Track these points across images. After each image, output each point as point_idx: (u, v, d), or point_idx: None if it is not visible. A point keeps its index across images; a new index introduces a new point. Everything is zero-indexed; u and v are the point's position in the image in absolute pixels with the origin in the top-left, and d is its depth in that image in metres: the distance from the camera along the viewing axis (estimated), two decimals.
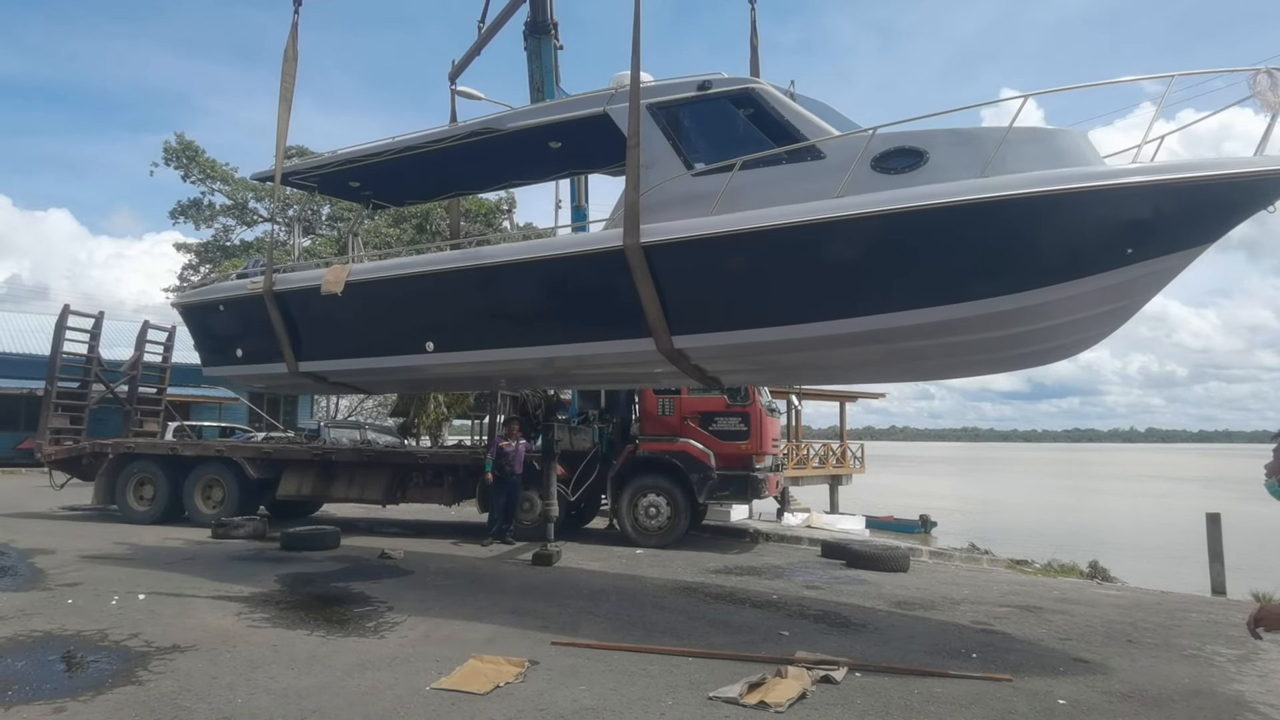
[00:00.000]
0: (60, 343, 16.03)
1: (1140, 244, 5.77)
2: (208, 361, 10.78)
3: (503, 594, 8.61)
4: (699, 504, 12.70)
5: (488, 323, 8.17)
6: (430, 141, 8.67)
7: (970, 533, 20.77)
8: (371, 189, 10.64)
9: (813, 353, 7.01)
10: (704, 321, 6.99)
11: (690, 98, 7.20)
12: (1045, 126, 6.46)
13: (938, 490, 38.14)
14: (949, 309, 6.07)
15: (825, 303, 6.44)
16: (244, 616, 7.23)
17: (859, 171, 6.27)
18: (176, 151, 36.19)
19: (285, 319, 9.33)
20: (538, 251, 8.06)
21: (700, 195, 6.87)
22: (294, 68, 9.66)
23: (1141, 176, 5.71)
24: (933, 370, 7.63)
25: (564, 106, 8.16)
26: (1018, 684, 5.70)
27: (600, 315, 7.59)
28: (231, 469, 13.91)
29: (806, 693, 5.30)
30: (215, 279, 33.92)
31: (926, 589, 9.53)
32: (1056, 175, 5.77)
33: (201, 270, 37.81)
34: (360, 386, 11.01)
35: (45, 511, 15.02)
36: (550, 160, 9.11)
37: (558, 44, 11.06)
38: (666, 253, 6.90)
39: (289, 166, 10.04)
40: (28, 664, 5.69)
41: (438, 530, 13.97)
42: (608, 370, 8.83)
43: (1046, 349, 6.75)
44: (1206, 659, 6.60)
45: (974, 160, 5.97)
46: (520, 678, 5.55)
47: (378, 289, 8.71)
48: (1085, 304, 6.09)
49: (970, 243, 5.95)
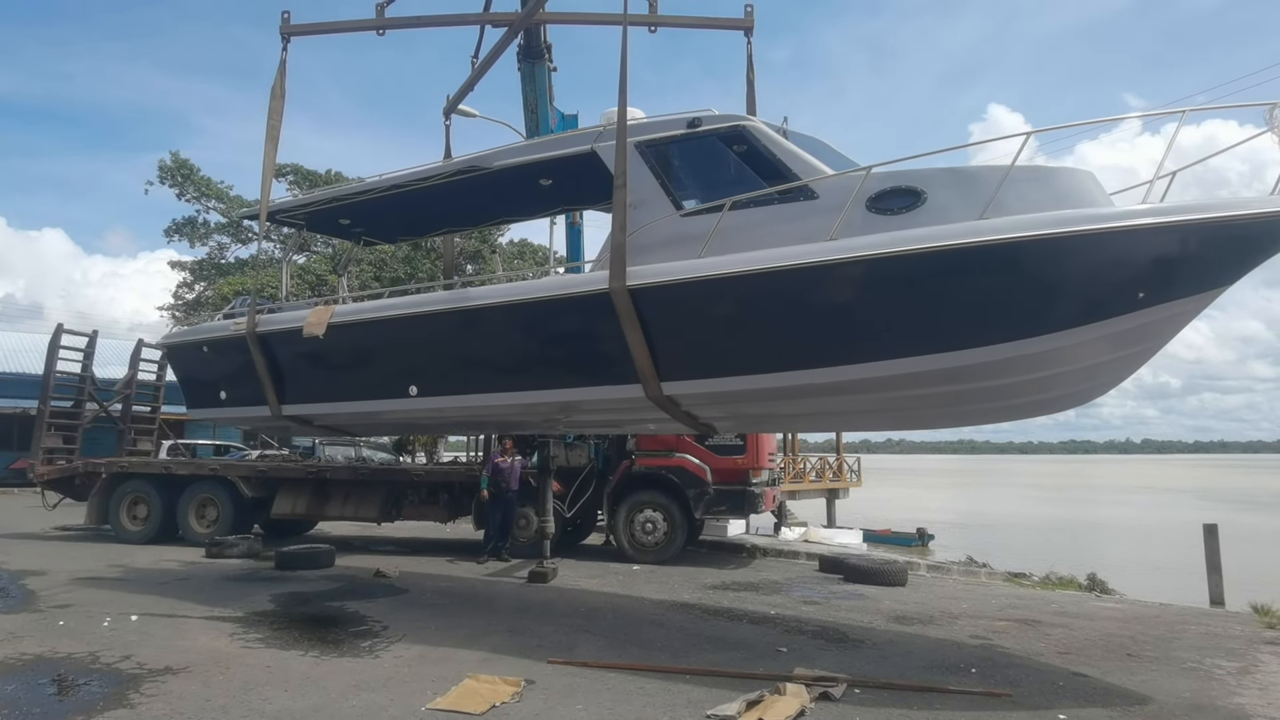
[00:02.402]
0: (54, 362, 16.01)
1: (1153, 288, 5.51)
2: (192, 403, 10.60)
3: (499, 613, 8.56)
4: (696, 519, 12.66)
5: (471, 367, 7.98)
6: (417, 180, 8.57)
7: (968, 546, 20.69)
8: (362, 226, 10.56)
9: (807, 400, 6.77)
10: (694, 367, 6.72)
11: (679, 135, 7.02)
12: (1049, 165, 6.23)
13: (935, 503, 38.11)
14: (948, 356, 5.82)
15: (819, 349, 6.20)
16: (238, 637, 7.17)
17: (854, 212, 6.08)
18: (171, 170, 36.21)
19: (268, 361, 9.13)
20: (521, 294, 7.76)
21: (690, 236, 6.67)
22: (281, 105, 9.42)
23: (1155, 219, 5.45)
24: (934, 419, 7.30)
25: (551, 145, 8.02)
26: (1018, 699, 5.68)
27: (587, 360, 7.34)
28: (226, 488, 13.85)
29: (805, 710, 5.27)
30: (209, 297, 34.06)
31: (925, 603, 9.49)
32: (1063, 217, 5.53)
33: (196, 288, 37.74)
34: (346, 429, 10.79)
35: (37, 532, 14.93)
36: (541, 197, 9.00)
37: (551, 66, 11.10)
38: (654, 296, 6.66)
39: (276, 204, 9.95)
40: (17, 688, 5.63)
41: (433, 548, 13.90)
42: (596, 417, 8.67)
43: (1053, 397, 6.46)
44: (1207, 672, 6.57)
45: (974, 200, 5.75)
46: (516, 697, 5.50)
47: (360, 332, 8.55)
48: (1094, 351, 5.82)
49: (971, 288, 5.70)
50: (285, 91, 9.48)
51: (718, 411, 7.47)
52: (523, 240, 33.79)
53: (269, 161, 9.44)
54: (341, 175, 35.49)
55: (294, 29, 9.66)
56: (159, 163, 36.15)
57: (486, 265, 31.29)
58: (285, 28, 9.59)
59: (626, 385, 6.98)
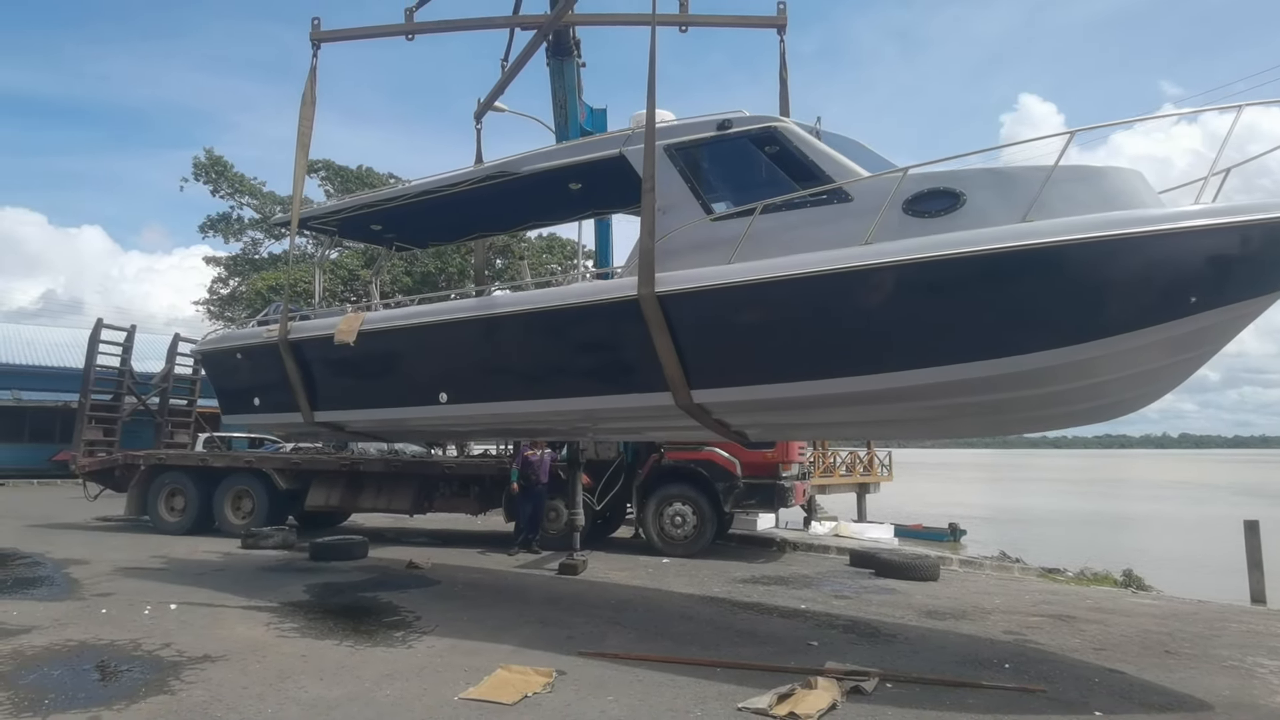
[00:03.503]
0: (94, 356, 16.35)
1: (1204, 292, 5.24)
2: (226, 409, 10.68)
3: (529, 604, 8.61)
4: (725, 513, 12.61)
5: (500, 374, 7.93)
6: (447, 185, 8.55)
7: (1000, 541, 20.46)
8: (393, 232, 10.57)
9: (842, 410, 6.58)
10: (725, 375, 6.56)
11: (709, 138, 6.85)
12: (1094, 165, 5.88)
13: (967, 498, 37.72)
14: (991, 364, 5.61)
15: (855, 357, 6.00)
16: (273, 626, 7.29)
17: (890, 215, 5.87)
18: (205, 167, 36.74)
19: (300, 368, 9.16)
20: (549, 301, 7.67)
21: (720, 240, 6.50)
22: (312, 112, 9.34)
23: (1207, 220, 5.20)
24: (973, 428, 7.09)
25: (580, 149, 7.92)
26: (1052, 695, 5.61)
27: (616, 368, 7.23)
28: (261, 480, 14.08)
29: (836, 704, 5.25)
30: (243, 292, 34.53)
31: (957, 598, 9.41)
32: (1110, 219, 5.29)
33: (231, 283, 38.28)
34: (378, 436, 10.84)
35: (79, 522, 15.28)
36: (571, 201, 8.93)
37: (580, 62, 11.08)
38: (683, 303, 6.52)
39: (307, 212, 10.00)
40: (63, 673, 5.77)
41: (464, 540, 14.03)
42: (627, 425, 8.60)
43: (1097, 406, 6.19)
44: (1248, 670, 6.44)
45: (1015, 202, 5.55)
46: (548, 688, 5.54)
47: (390, 339, 8.55)
48: (1141, 358, 5.55)
49: (1012, 294, 5.50)
50: (316, 99, 9.43)
51: (750, 419, 7.31)
52: (551, 235, 33.82)
53: (300, 170, 9.43)
54: (372, 171, 35.81)
55: (324, 35, 9.59)
56: (193, 160, 36.68)
57: (513, 259, 31.42)
58: (315, 34, 9.51)
59: (656, 393, 6.86)
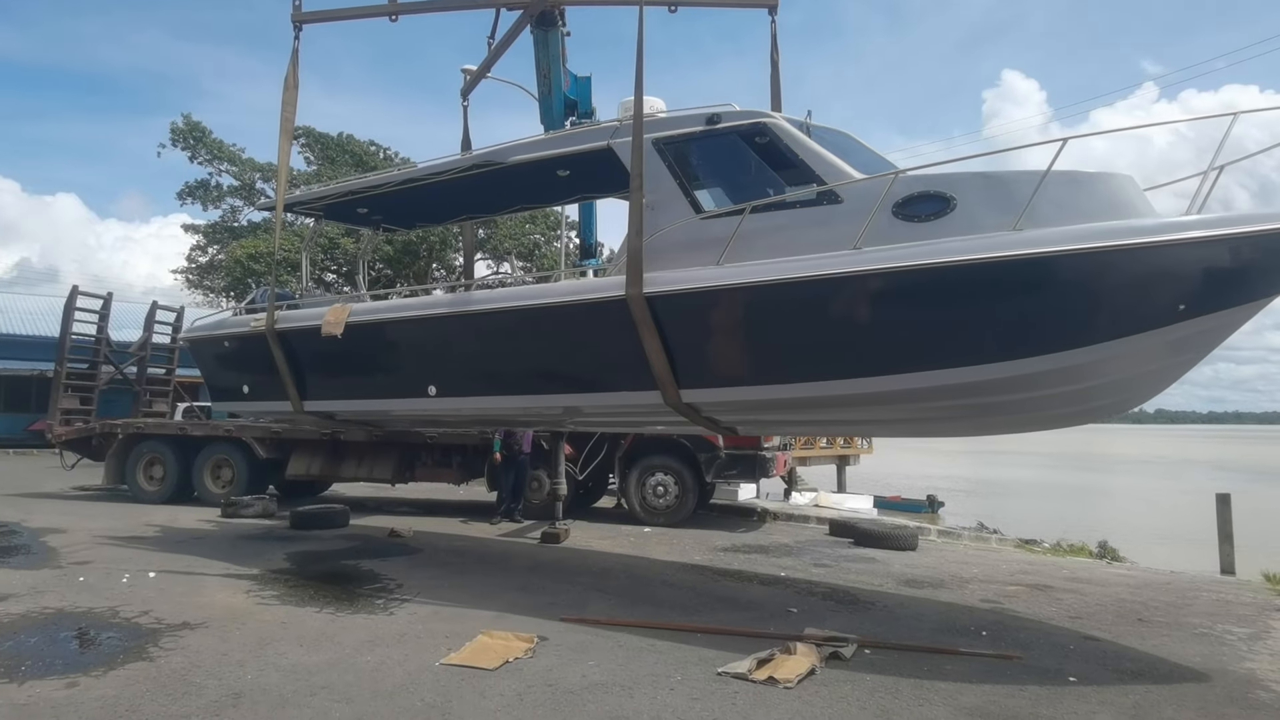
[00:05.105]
0: (69, 324, 16.10)
1: (1194, 301, 5.23)
2: (216, 396, 10.63)
3: (511, 572, 8.64)
4: (707, 483, 12.67)
5: (489, 370, 7.93)
6: (432, 174, 8.45)
7: (978, 512, 20.71)
8: (379, 214, 10.43)
9: (830, 411, 6.63)
10: (713, 376, 6.58)
11: (698, 132, 6.74)
12: (1086, 171, 5.83)
13: (945, 471, 38.07)
14: (976, 370, 5.64)
15: (840, 361, 6.03)
16: (254, 594, 7.27)
17: (879, 218, 5.82)
18: (184, 133, 35.98)
19: (289, 357, 9.06)
20: (536, 298, 7.64)
21: (708, 239, 6.44)
22: (295, 95, 9.10)
23: (1197, 232, 5.18)
24: (958, 429, 7.21)
25: (567, 140, 7.79)
26: (1028, 662, 5.69)
27: (604, 365, 7.23)
28: (240, 449, 13.99)
29: (815, 669, 5.30)
30: (221, 260, 34.08)
31: (935, 567, 9.51)
32: (1099, 230, 5.27)
33: (209, 251, 37.75)
34: (369, 425, 10.72)
35: (56, 492, 15.14)
36: (559, 186, 8.84)
37: (565, 31, 10.92)
38: (671, 304, 6.49)
39: (293, 197, 9.86)
40: (40, 640, 5.73)
41: (446, 509, 14.02)
42: (616, 419, 8.59)
43: (1084, 409, 6.25)
44: (1218, 637, 6.56)
45: (1006, 208, 5.50)
46: (530, 653, 5.56)
47: (378, 331, 8.49)
48: (1128, 364, 5.60)
49: (1001, 302, 5.53)
50: (298, 82, 9.20)
51: (739, 418, 7.34)
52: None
53: (284, 154, 9.27)
54: (353, 138, 35.27)
55: (305, 16, 9.32)
56: (171, 126, 35.88)
57: (498, 227, 31.23)
58: (297, 16, 9.24)
59: (645, 391, 6.84)
